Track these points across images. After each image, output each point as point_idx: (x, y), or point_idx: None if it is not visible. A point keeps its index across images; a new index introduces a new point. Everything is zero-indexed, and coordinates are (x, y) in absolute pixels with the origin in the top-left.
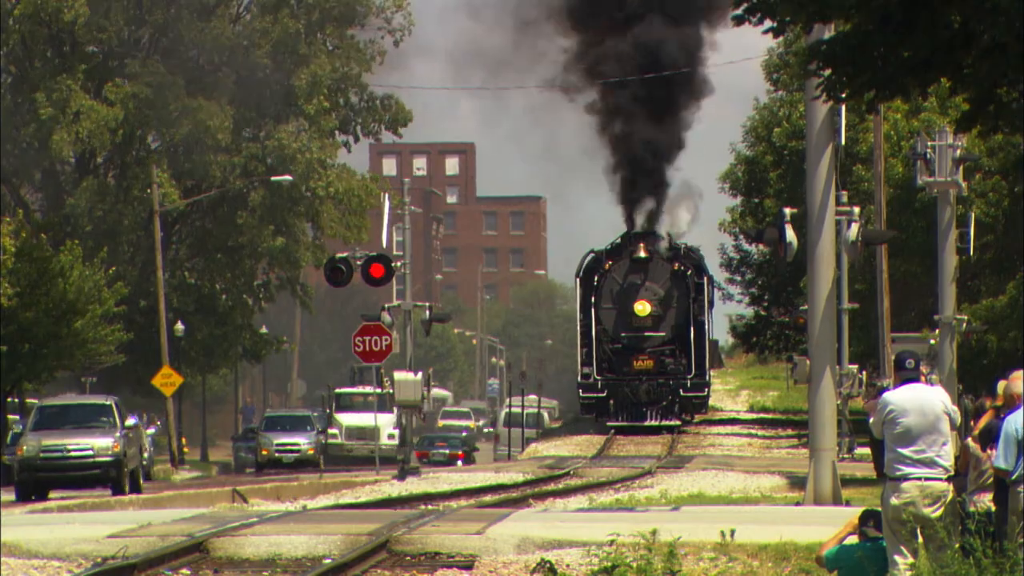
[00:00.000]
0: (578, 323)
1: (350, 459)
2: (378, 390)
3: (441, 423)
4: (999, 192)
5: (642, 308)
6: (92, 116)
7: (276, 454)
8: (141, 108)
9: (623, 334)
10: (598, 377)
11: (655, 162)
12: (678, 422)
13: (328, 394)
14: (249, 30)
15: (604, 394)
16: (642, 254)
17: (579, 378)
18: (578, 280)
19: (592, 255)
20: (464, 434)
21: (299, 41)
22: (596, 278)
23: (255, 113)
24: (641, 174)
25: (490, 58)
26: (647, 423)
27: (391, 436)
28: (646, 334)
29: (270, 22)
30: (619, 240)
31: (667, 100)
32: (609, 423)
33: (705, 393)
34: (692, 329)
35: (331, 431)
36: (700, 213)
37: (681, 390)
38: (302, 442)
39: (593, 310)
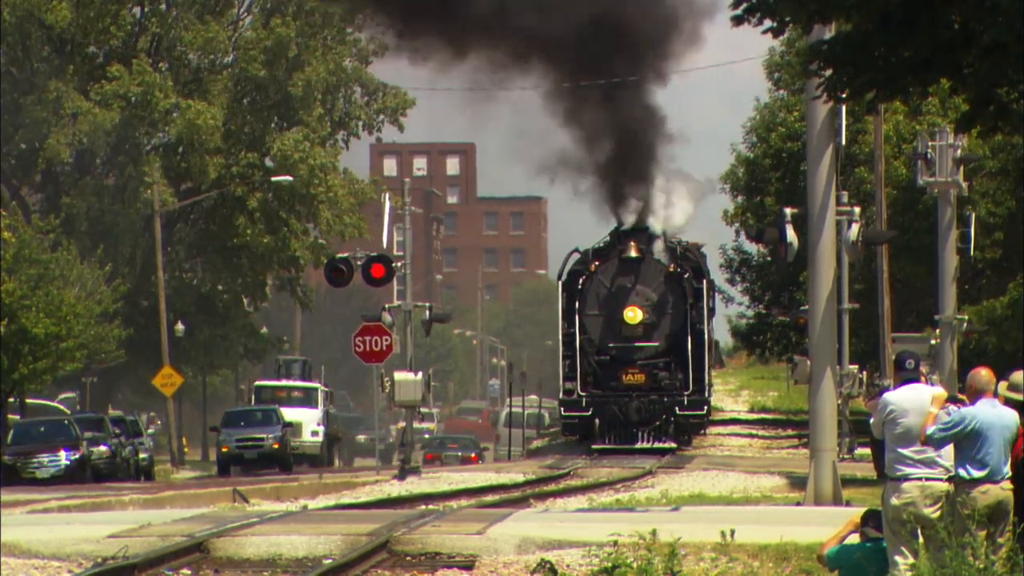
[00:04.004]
0: (560, 331)
1: None
2: (302, 384)
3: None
4: (1003, 191)
5: (632, 315)
6: (88, 118)
7: (237, 450)
8: (130, 108)
9: (611, 344)
10: (582, 393)
11: (640, 146)
12: (673, 444)
13: (247, 387)
14: (243, 40)
15: (589, 412)
16: (633, 254)
17: (560, 394)
18: (561, 283)
19: (577, 255)
20: (427, 436)
21: (291, 46)
22: (581, 281)
23: (252, 117)
24: (627, 162)
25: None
26: (637, 445)
27: (314, 433)
28: (637, 344)
29: (265, 35)
30: (608, 238)
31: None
32: (594, 446)
33: (704, 412)
34: (690, 339)
35: None
36: (702, 201)
37: (676, 408)
38: (265, 436)
39: (577, 317)
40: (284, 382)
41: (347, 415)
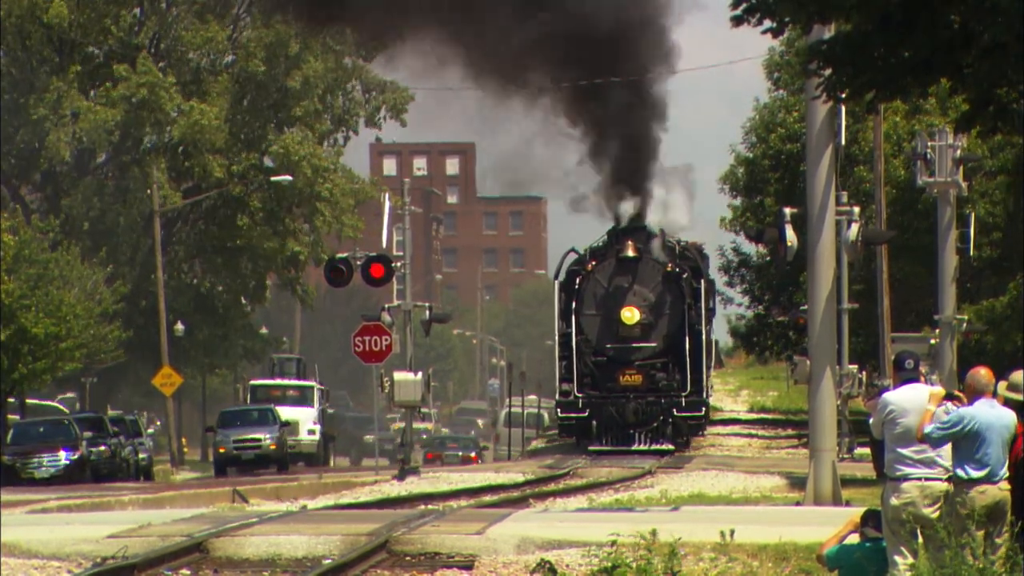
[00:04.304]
0: (556, 332)
1: None
2: (297, 383)
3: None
4: (1002, 191)
5: (630, 315)
6: (90, 117)
7: (234, 451)
8: (135, 109)
9: (608, 345)
10: (579, 395)
11: (634, 141)
12: (671, 447)
13: (243, 386)
14: (244, 38)
15: (586, 414)
16: (630, 253)
17: (557, 395)
18: (558, 283)
19: (574, 255)
20: (424, 436)
21: (291, 44)
22: (578, 281)
23: (252, 117)
24: (622, 157)
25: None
26: (635, 447)
27: (311, 431)
28: (634, 345)
29: (266, 33)
30: (605, 237)
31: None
32: (591, 447)
33: (702, 413)
34: (688, 339)
35: None
36: (695, 198)
37: (674, 410)
38: (262, 437)
39: (574, 317)
40: (279, 381)
41: (356, 415)
